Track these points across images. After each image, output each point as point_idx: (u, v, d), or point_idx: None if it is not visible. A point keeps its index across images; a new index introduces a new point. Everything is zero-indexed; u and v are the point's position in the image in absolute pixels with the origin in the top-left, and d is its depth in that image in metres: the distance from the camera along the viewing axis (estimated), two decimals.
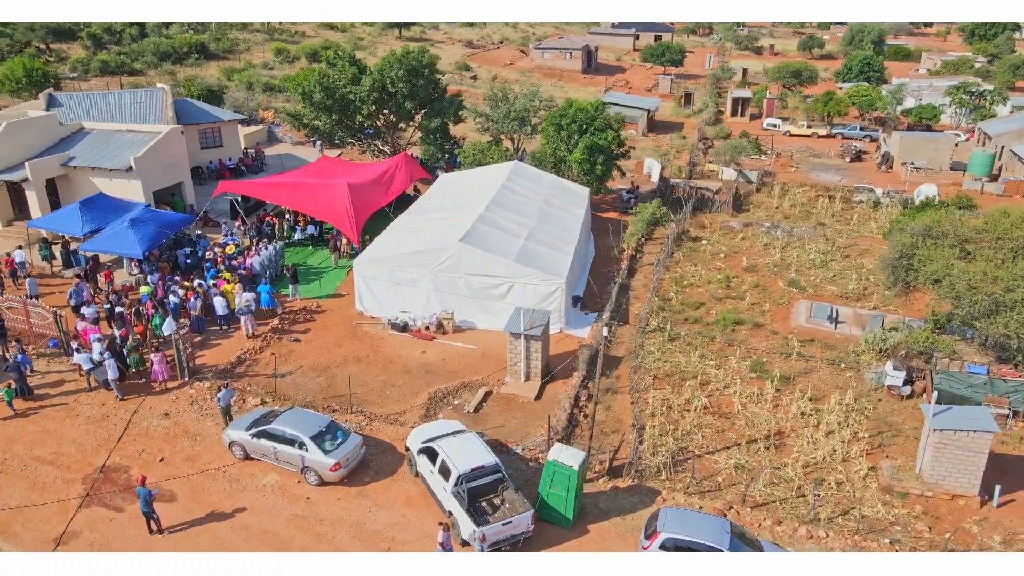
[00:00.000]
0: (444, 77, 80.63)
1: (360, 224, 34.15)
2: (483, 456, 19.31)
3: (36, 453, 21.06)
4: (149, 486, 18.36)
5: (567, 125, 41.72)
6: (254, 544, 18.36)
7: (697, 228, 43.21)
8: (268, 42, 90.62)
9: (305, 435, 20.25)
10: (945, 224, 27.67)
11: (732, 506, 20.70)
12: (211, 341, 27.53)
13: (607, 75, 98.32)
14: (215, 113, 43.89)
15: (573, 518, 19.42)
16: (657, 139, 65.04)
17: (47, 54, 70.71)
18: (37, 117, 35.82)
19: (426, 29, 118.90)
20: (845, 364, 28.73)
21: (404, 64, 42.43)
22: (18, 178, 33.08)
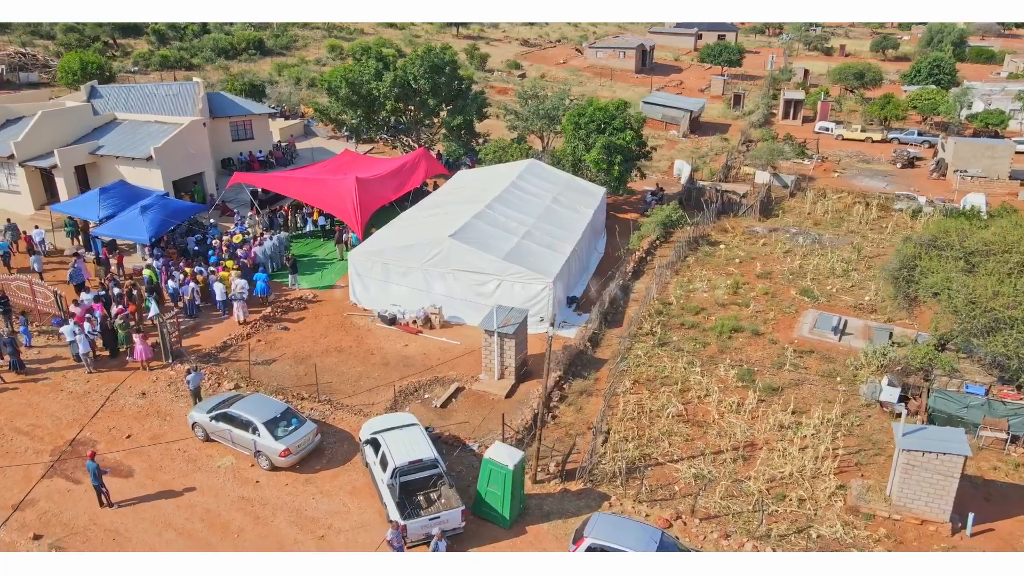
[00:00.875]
0: (492, 75, 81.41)
1: (365, 218, 34.68)
2: (422, 451, 19.39)
3: (15, 424, 22.28)
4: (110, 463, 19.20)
5: (585, 124, 41.31)
6: (195, 523, 18.95)
7: (718, 232, 42.11)
8: (326, 39, 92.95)
9: (258, 420, 20.77)
10: (952, 235, 26.14)
11: (680, 516, 20.16)
12: (203, 325, 28.51)
13: (662, 75, 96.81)
14: (246, 107, 45.33)
15: (510, 518, 19.29)
16: (698, 141, 63.66)
17: (114, 48, 74.48)
18: (71, 107, 37.85)
19: (485, 27, 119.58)
20: (840, 378, 27.53)
21: (426, 61, 42.81)
22: (48, 165, 35.00)
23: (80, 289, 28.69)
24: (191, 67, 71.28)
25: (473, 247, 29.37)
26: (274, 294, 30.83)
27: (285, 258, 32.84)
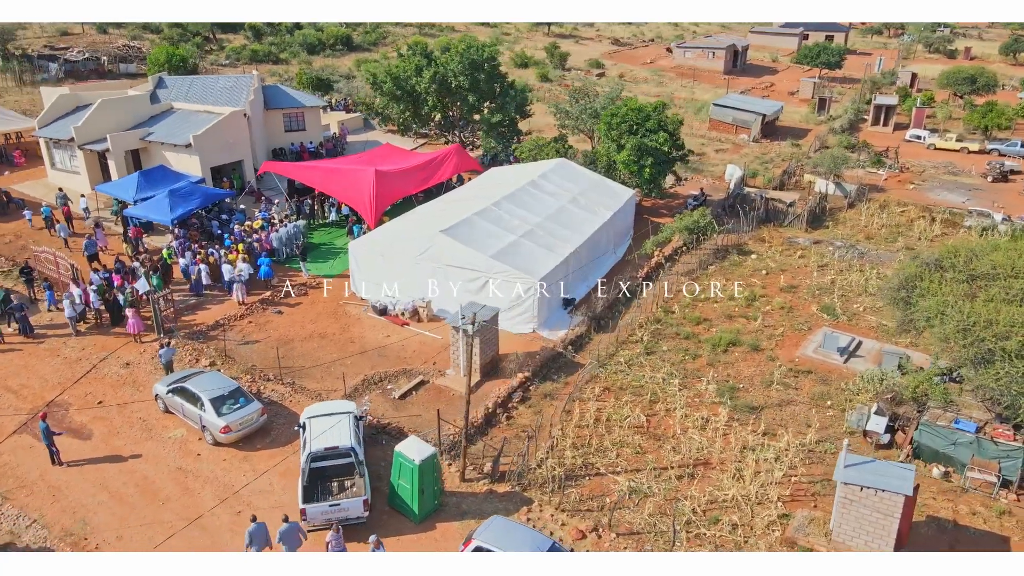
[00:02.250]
0: (569, 74, 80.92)
1: (381, 210, 35.51)
2: (341, 439, 19.75)
3: (7, 382, 24.41)
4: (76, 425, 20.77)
5: (617, 125, 40.46)
6: (129, 488, 20.15)
7: (755, 241, 40.22)
8: (413, 36, 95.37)
9: (206, 396, 21.81)
10: (960, 255, 23.82)
11: (597, 528, 19.56)
12: (205, 304, 30.10)
13: (753, 76, 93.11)
14: (299, 99, 47.29)
15: (419, 512, 19.35)
16: (768, 146, 60.83)
17: (212, 43, 79.54)
18: (129, 96, 40.83)
19: (578, 26, 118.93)
20: (831, 402, 25.77)
21: (465, 58, 43.21)
22: (102, 148, 37.95)
23: (93, 259, 31.15)
24: (278, 61, 75.02)
25: (463, 244, 29.48)
26: (278, 278, 32.06)
27: (296, 245, 34.06)
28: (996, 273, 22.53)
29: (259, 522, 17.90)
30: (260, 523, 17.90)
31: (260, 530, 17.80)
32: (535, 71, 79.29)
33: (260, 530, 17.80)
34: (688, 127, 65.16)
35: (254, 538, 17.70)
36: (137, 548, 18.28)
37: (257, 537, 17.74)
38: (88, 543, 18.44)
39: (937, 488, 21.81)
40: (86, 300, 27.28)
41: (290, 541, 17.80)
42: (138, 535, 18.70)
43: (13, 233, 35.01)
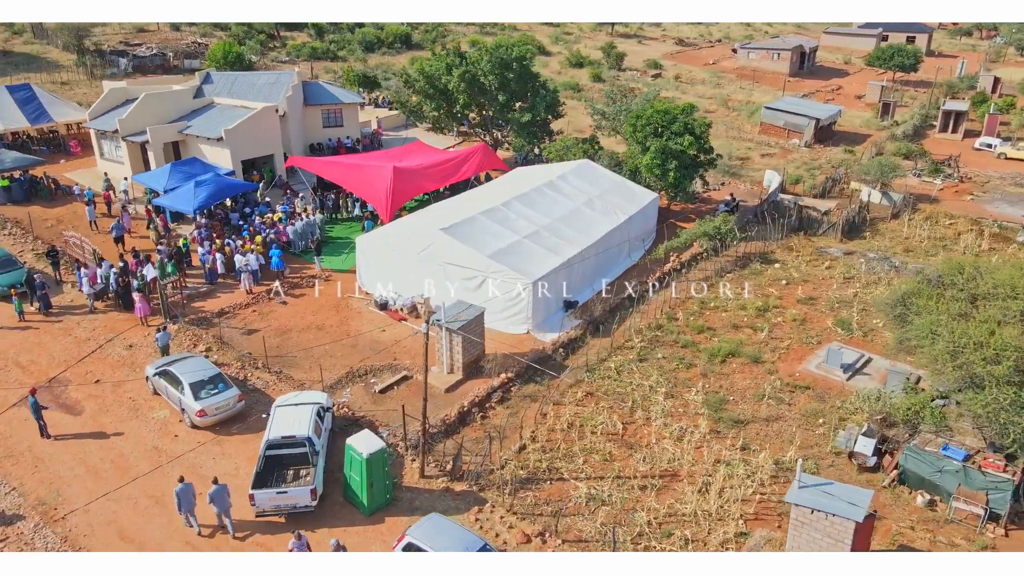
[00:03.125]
0: (623, 74, 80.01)
1: (397, 206, 36.07)
2: (299, 428, 20.25)
3: (18, 358, 26.04)
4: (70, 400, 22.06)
5: (642, 127, 39.83)
6: (105, 464, 21.22)
7: (784, 250, 38.89)
8: (473, 35, 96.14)
9: (186, 380, 22.72)
10: (965, 272, 22.43)
11: (544, 533, 19.41)
12: (216, 292, 31.28)
13: (821, 79, 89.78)
14: (338, 95, 48.45)
15: (368, 505, 19.65)
16: (820, 151, 58.62)
17: (276, 40, 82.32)
18: (172, 91, 42.78)
19: (643, 25, 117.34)
20: (824, 420, 24.74)
21: (494, 57, 43.37)
22: (142, 140, 39.92)
23: (118, 241, 33.26)
24: (335, 58, 77.00)
25: (462, 242, 29.66)
26: (288, 269, 33.02)
27: (312, 239, 34.96)
28: (996, 292, 21.14)
29: (186, 483, 18.93)
30: (187, 484, 18.93)
31: (186, 490, 18.84)
32: (589, 71, 78.73)
33: (186, 490, 18.84)
34: (738, 131, 63.60)
35: (181, 498, 18.75)
36: (101, 521, 19.24)
37: (184, 497, 18.78)
38: (57, 513, 19.53)
39: (918, 517, 20.68)
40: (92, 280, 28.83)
41: (219, 502, 18.78)
42: (103, 509, 19.68)
43: (56, 218, 37.24)
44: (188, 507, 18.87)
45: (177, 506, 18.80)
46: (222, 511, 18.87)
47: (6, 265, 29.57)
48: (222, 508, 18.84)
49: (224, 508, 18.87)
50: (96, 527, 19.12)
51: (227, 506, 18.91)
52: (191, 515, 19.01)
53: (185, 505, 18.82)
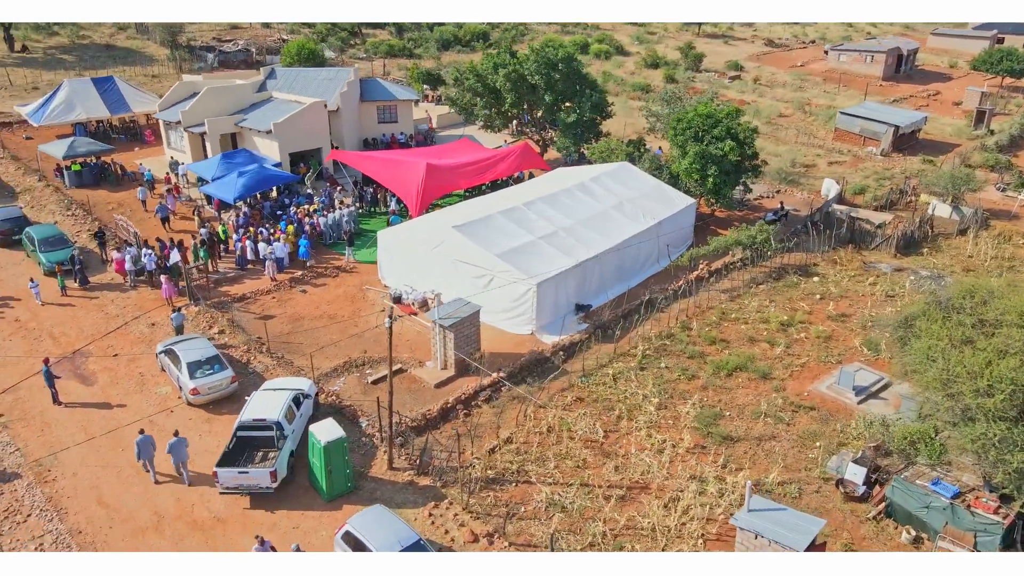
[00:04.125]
0: (699, 76, 77.94)
1: (427, 202, 36.70)
2: (270, 412, 21.05)
3: (52, 330, 28.18)
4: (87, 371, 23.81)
5: (682, 130, 38.82)
6: (103, 432, 22.67)
7: (828, 263, 37.07)
8: (560, 34, 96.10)
9: (184, 359, 23.99)
10: (978, 295, 20.73)
11: (493, 534, 19.40)
12: (243, 278, 32.76)
13: (918, 83, 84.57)
14: (393, 92, 49.61)
15: (327, 491, 20.20)
16: (897, 160, 55.28)
17: (357, 38, 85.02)
18: (233, 86, 44.99)
19: (733, 25, 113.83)
20: (821, 443, 23.52)
21: (540, 56, 43.28)
22: (201, 131, 42.24)
23: (165, 221, 35.86)
24: (411, 55, 78.77)
25: (473, 240, 29.87)
26: (317, 259, 34.18)
27: (344, 232, 36.03)
28: (1004, 319, 19.47)
29: (146, 435, 20.72)
30: (147, 436, 20.71)
31: (146, 441, 20.58)
32: (663, 72, 77.21)
33: (146, 441, 20.58)
34: (810, 136, 60.83)
35: (140, 448, 20.47)
36: (85, 486, 20.64)
37: (143, 447, 20.51)
38: (49, 475, 21.09)
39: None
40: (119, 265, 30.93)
41: (177, 453, 20.54)
42: (90, 474, 21.10)
43: (117, 202, 39.95)
44: (147, 456, 20.61)
45: (136, 454, 20.58)
46: (179, 462, 20.61)
47: (57, 244, 32.02)
48: (179, 459, 20.58)
49: (181, 459, 20.60)
50: (79, 491, 20.53)
51: (184, 458, 20.64)
52: (150, 463, 20.77)
53: (144, 454, 20.55)
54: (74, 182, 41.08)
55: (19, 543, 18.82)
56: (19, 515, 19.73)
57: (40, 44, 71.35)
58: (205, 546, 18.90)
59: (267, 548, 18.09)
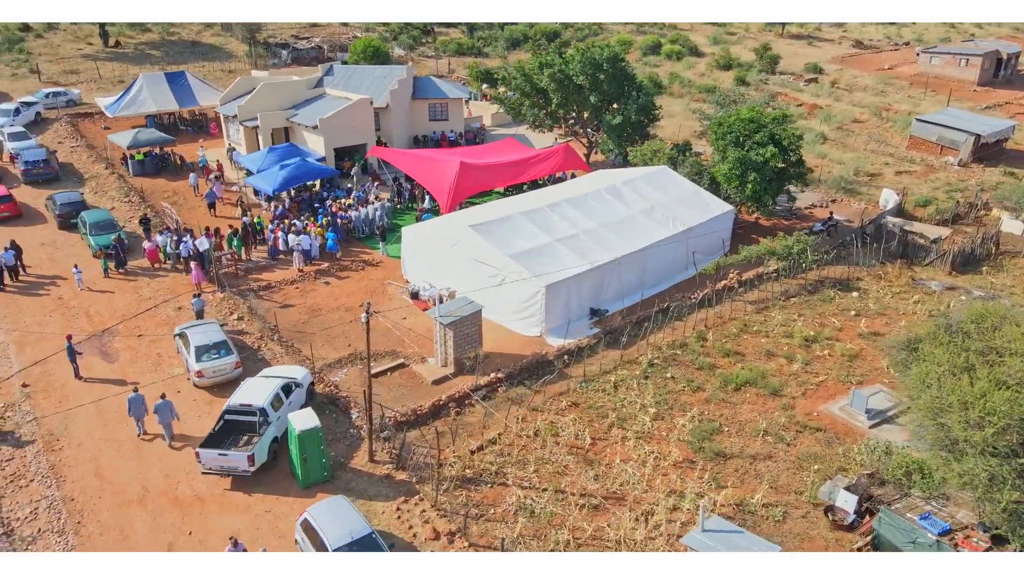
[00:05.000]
0: (773, 79, 75.21)
1: (458, 200, 37.05)
2: (257, 399, 21.80)
3: (88, 309, 30.02)
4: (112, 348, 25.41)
5: (723, 135, 37.66)
6: (112, 409, 23.97)
7: (873, 278, 35.22)
8: (635, 34, 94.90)
9: (193, 342, 25.14)
10: (991, 320, 19.24)
11: (454, 533, 19.46)
12: (273, 268, 33.95)
13: (1021, 89, 78.91)
14: (445, 90, 50.22)
15: (302, 478, 20.76)
16: (975, 172, 51.82)
17: (429, 36, 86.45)
18: (288, 81, 46.63)
19: (821, 25, 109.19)
20: (819, 467, 22.45)
21: (585, 57, 42.87)
22: (254, 125, 44.02)
23: (211, 207, 38.14)
24: (479, 54, 79.49)
25: (487, 240, 29.96)
26: (342, 252, 35.08)
27: (377, 226, 36.81)
28: (1010, 348, 18.03)
29: (138, 393, 22.62)
30: (139, 394, 22.59)
31: (137, 399, 22.50)
32: (734, 74, 74.97)
33: (137, 399, 22.50)
34: (882, 144, 57.78)
35: (131, 404, 22.40)
36: (86, 457, 21.96)
37: (134, 404, 22.45)
38: (57, 444, 22.54)
39: None
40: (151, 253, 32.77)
41: (161, 413, 22.24)
42: (93, 447, 22.43)
43: (173, 190, 42.13)
44: (137, 413, 22.56)
45: (127, 409, 22.46)
46: (163, 422, 22.34)
47: (106, 228, 34.07)
48: (163, 420, 22.30)
49: (165, 420, 22.33)
50: (80, 461, 21.87)
51: (168, 419, 22.36)
52: (140, 421, 22.68)
53: (134, 411, 22.48)
54: (136, 170, 43.58)
55: (16, 506, 20.21)
56: (23, 479, 21.19)
57: (133, 40, 76.01)
58: (181, 523, 19.80)
59: (240, 549, 18.29)
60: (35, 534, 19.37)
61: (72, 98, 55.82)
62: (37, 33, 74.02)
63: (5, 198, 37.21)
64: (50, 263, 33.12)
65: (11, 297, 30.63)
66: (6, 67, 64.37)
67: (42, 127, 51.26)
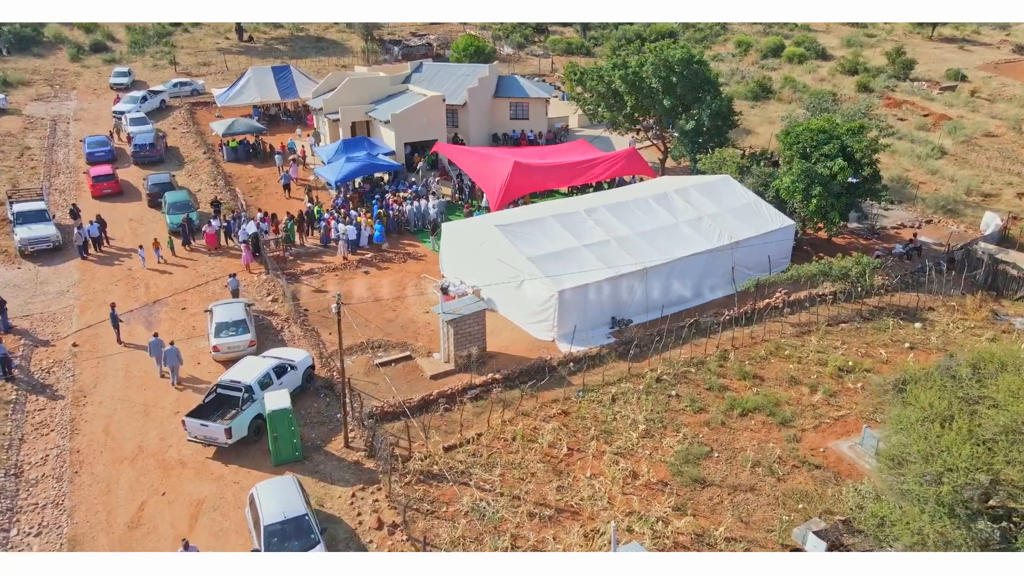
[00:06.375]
0: (903, 85, 69.51)
1: (509, 199, 37.28)
2: (246, 376, 23.16)
3: (148, 282, 32.80)
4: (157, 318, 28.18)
5: (790, 146, 35.42)
6: (138, 373, 26.26)
7: (946, 309, 32.08)
8: (759, 36, 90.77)
9: (216, 319, 27.01)
10: (991, 366, 17.06)
11: (396, 526, 19.82)
12: (321, 254, 35.61)
13: None
14: (527, 90, 50.41)
15: (273, 455, 21.87)
16: None
17: (542, 34, 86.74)
18: (373, 77, 48.50)
19: (979, 27, 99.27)
20: (804, 506, 20.90)
21: (658, 58, 41.63)
22: (334, 118, 46.26)
23: (286, 188, 41.52)
24: (588, 53, 78.93)
25: (510, 241, 29.97)
26: (388, 244, 36.24)
27: (429, 221, 37.73)
28: (996, 399, 15.96)
29: (158, 338, 26.03)
30: (158, 339, 26.01)
31: (156, 343, 25.92)
32: (857, 80, 69.93)
33: (156, 343, 25.92)
34: (1011, 161, 51.92)
35: (151, 347, 25.90)
36: (100, 415, 24.20)
37: (153, 347, 25.86)
38: (83, 401, 24.98)
39: None
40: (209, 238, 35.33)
41: (169, 359, 25.55)
42: (108, 407, 24.67)
43: (258, 176, 45.12)
44: (156, 355, 25.82)
45: (148, 351, 26.11)
46: (171, 366, 25.59)
47: (181, 208, 37.08)
48: (170, 364, 25.56)
49: (172, 364, 25.55)
50: (95, 417, 24.14)
51: (174, 363, 25.55)
52: (158, 361, 25.91)
53: (153, 351, 25.90)
54: (230, 157, 47.03)
55: (33, 451, 22.65)
56: (46, 428, 23.70)
57: (265, 35, 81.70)
58: (159, 483, 21.45)
59: (192, 550, 18.44)
60: (38, 477, 21.65)
61: (196, 88, 60.93)
62: (184, 28, 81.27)
63: (108, 176, 41.34)
64: (132, 237, 36.48)
65: (90, 265, 34.09)
66: (150, 58, 71.21)
67: (166, 114, 56.34)
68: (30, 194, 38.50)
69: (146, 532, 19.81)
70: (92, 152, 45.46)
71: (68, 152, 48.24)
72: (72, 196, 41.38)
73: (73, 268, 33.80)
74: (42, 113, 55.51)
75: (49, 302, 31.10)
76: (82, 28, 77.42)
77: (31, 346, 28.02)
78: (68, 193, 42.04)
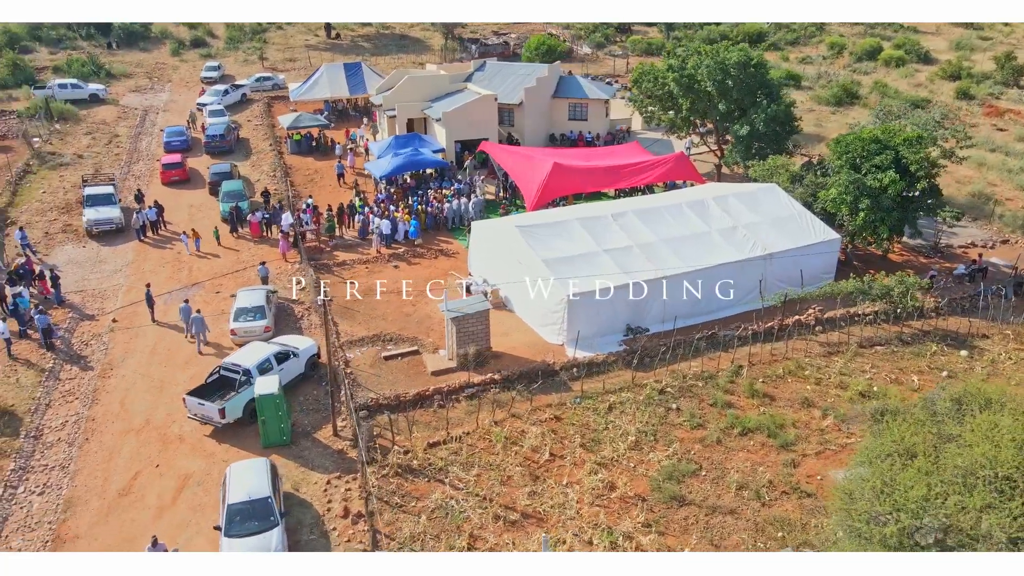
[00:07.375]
0: (1010, 92, 64.33)
1: (546, 199, 37.16)
2: (247, 360, 24.19)
3: (192, 265, 34.66)
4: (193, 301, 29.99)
5: (840, 155, 33.54)
6: (162, 350, 27.92)
7: (1000, 337, 29.71)
8: (859, 37, 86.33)
9: (236, 304, 28.34)
10: (975, 402, 15.65)
11: (360, 516, 20.24)
12: (357, 247, 36.60)
13: None
14: (586, 91, 49.92)
15: (262, 438, 22.76)
16: None
17: (625, 33, 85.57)
18: (432, 75, 49.28)
19: None
20: (784, 535, 19.91)
21: (714, 60, 40.30)
22: (391, 115, 47.35)
23: (340, 177, 43.87)
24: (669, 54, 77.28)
25: (528, 242, 29.87)
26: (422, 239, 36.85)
27: (467, 219, 38.11)
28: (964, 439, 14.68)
29: (188, 304, 28.49)
30: (187, 305, 28.44)
31: (186, 308, 28.46)
32: (957, 86, 65.28)
33: (186, 308, 28.46)
34: None
35: (182, 312, 28.68)
36: (119, 388, 25.86)
37: (184, 312, 28.49)
38: (111, 374, 26.78)
39: None
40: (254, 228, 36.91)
41: (197, 325, 27.83)
42: (127, 381, 26.32)
43: (316, 169, 46.82)
44: (185, 319, 28.37)
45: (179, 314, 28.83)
46: (199, 332, 27.87)
47: (233, 197, 38.98)
48: (199, 330, 27.85)
49: (200, 330, 27.82)
50: (116, 390, 25.84)
51: (201, 329, 27.82)
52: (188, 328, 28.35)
53: (183, 316, 28.44)
54: (293, 149, 49.02)
55: (55, 416, 24.50)
56: (71, 396, 25.57)
57: (352, 33, 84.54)
58: (155, 456, 22.74)
59: (159, 549, 18.39)
60: (54, 441, 23.42)
61: (277, 83, 63.82)
62: (278, 25, 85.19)
63: (177, 164, 43.98)
64: (188, 223, 38.66)
65: (144, 248, 36.44)
66: (242, 54, 75.09)
67: (245, 107, 59.32)
68: (103, 178, 41.47)
69: (133, 500, 21.07)
70: (169, 141, 48.49)
71: (151, 141, 51.62)
72: (146, 182, 44.26)
73: (129, 249, 36.21)
74: (136, 104, 59.62)
75: (103, 279, 33.46)
76: (186, 25, 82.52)
77: (77, 319, 30.26)
78: (143, 179, 44.99)
